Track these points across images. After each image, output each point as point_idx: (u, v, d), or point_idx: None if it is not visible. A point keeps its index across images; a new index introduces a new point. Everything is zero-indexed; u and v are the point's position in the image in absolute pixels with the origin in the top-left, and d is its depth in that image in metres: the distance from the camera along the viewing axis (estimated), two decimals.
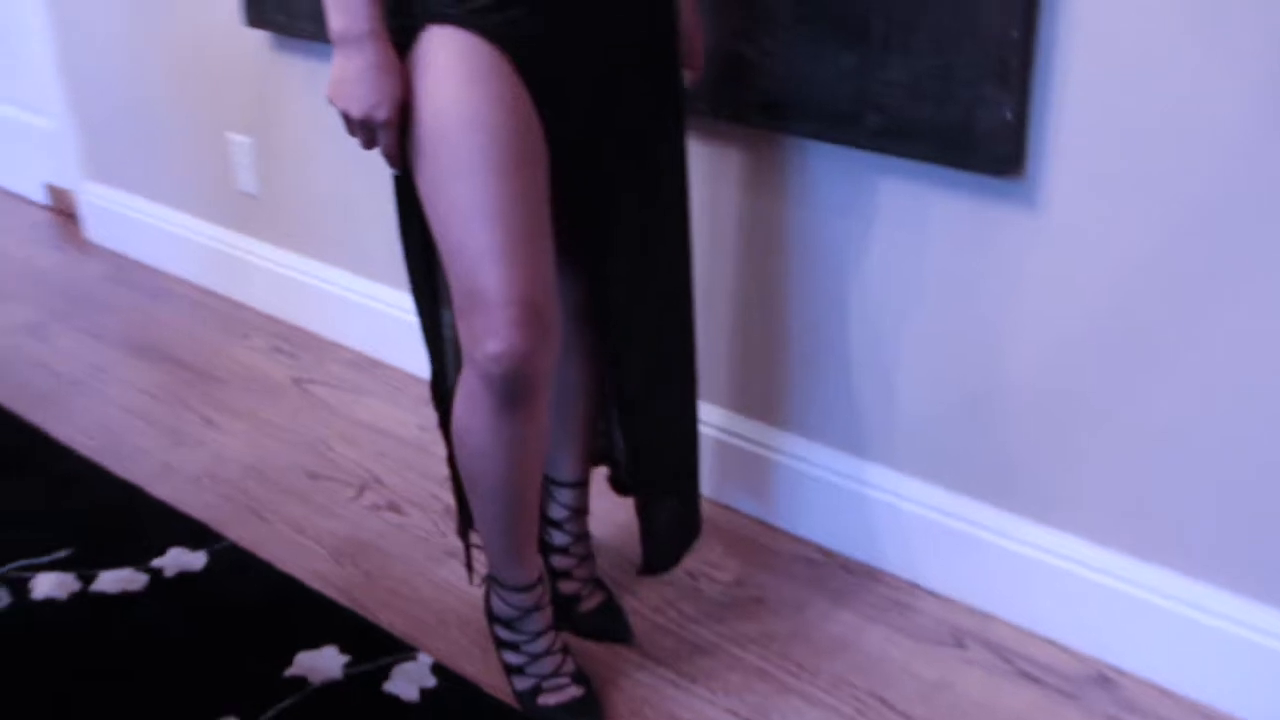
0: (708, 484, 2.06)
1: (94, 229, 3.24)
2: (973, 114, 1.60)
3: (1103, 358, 1.62)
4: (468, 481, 1.51)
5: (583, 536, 1.80)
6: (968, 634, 1.80)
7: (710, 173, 1.90)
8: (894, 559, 1.91)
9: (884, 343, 1.81)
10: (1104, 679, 1.71)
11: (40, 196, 3.51)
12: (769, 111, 1.78)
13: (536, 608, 1.61)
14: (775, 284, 1.89)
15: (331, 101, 1.37)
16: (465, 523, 1.70)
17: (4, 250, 3.20)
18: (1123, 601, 1.68)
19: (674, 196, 1.60)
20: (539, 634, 1.62)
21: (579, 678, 1.65)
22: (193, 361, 2.61)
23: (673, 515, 1.75)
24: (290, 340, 2.71)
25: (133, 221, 3.08)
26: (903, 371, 1.81)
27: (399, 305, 2.50)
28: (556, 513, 1.77)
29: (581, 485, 1.77)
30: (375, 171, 2.40)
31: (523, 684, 1.65)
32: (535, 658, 1.63)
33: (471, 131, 1.34)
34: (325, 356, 2.63)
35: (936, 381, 1.78)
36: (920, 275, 1.74)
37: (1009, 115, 1.57)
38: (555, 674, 1.63)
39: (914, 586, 1.90)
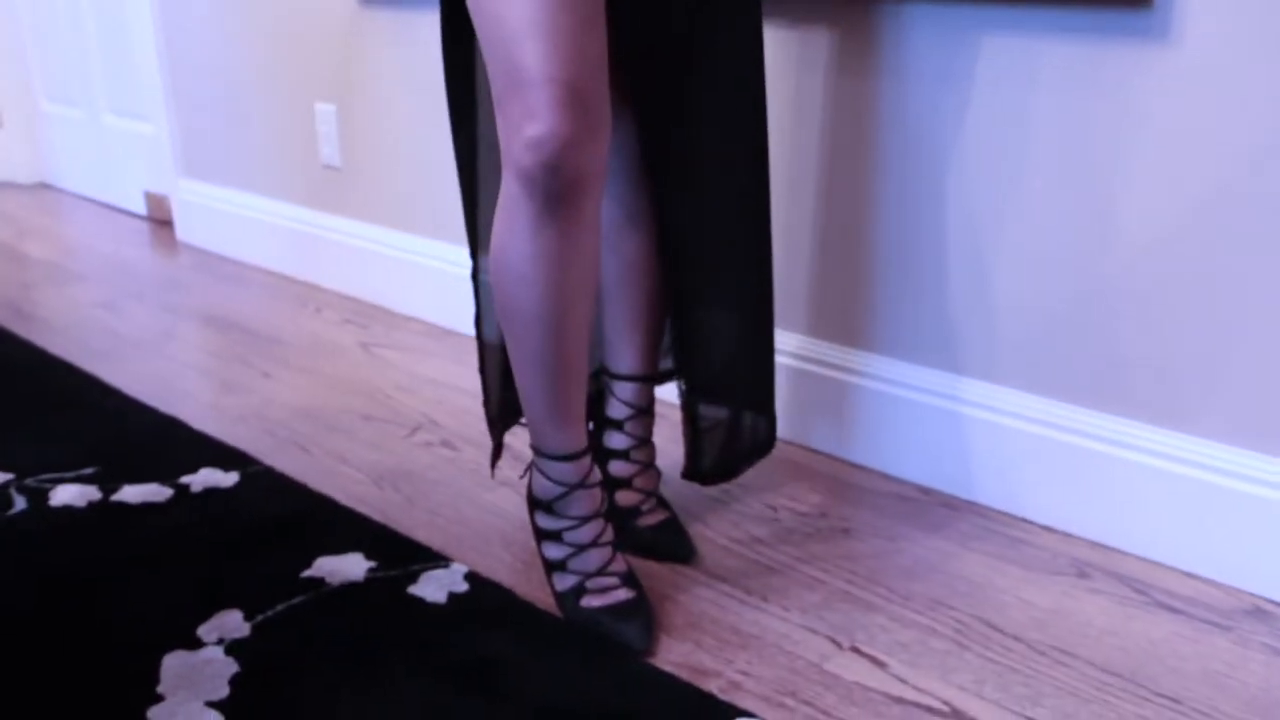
0: (788, 419, 1.84)
1: (185, 228, 3.19)
2: None
3: (1242, 227, 1.37)
4: (505, 322, 1.32)
5: (645, 442, 1.58)
6: (1091, 565, 1.53)
7: (797, 59, 1.73)
8: (999, 490, 1.65)
9: (984, 234, 1.59)
10: (1260, 611, 1.42)
11: (140, 207, 3.49)
12: None
13: (582, 485, 1.40)
14: (863, 182, 1.69)
15: None
16: (493, 408, 1.52)
17: (94, 248, 3.17)
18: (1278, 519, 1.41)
19: (746, 69, 1.44)
20: (584, 520, 1.41)
21: (629, 580, 1.42)
22: (260, 329, 2.49)
23: (725, 424, 1.54)
24: (364, 314, 2.58)
25: (220, 214, 3.02)
26: (1005, 267, 1.58)
27: None
28: (616, 411, 1.57)
29: (645, 380, 1.56)
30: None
31: (564, 583, 1.43)
32: (579, 550, 1.41)
33: None
34: (396, 327, 2.49)
35: (1045, 272, 1.55)
36: (1027, 146, 1.53)
37: None
38: (601, 572, 1.41)
39: (1026, 522, 1.64)
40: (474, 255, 1.50)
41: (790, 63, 1.73)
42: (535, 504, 1.44)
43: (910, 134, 1.63)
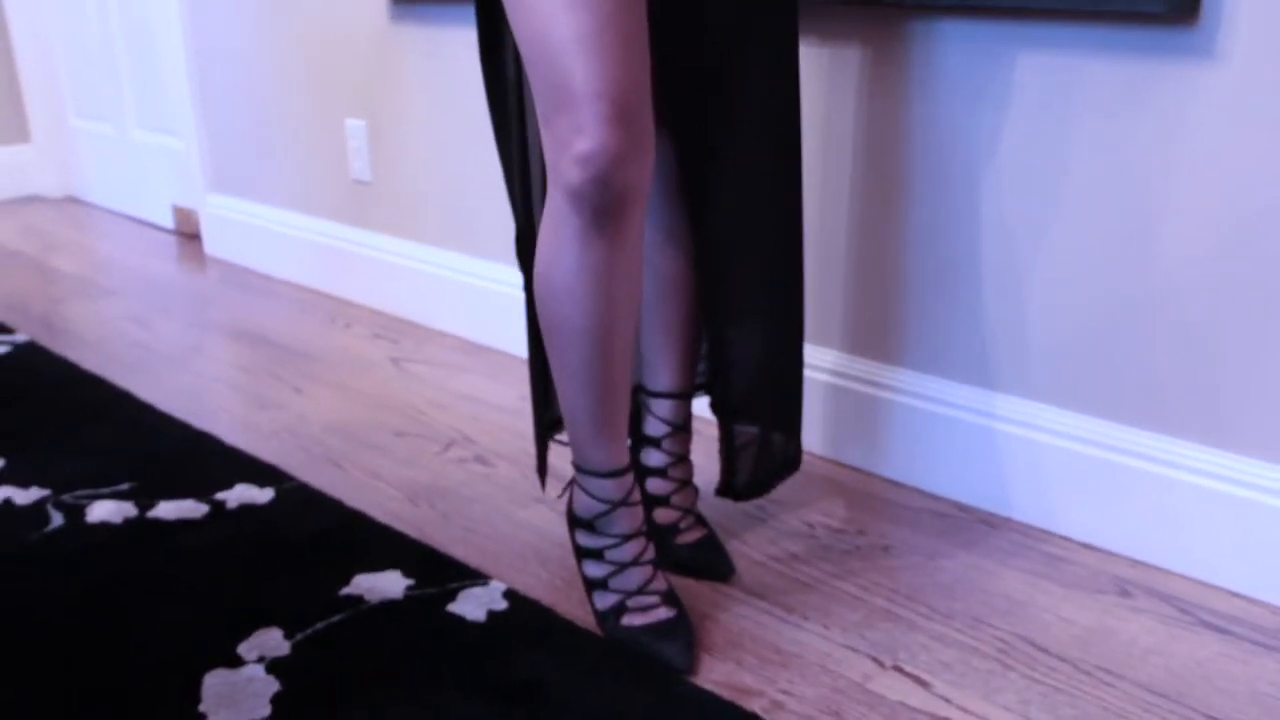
0: (825, 435, 1.84)
1: (213, 242, 3.20)
2: None
3: None
4: (549, 336, 1.32)
5: (682, 459, 1.58)
6: (1132, 584, 1.52)
7: (828, 77, 1.72)
8: (1038, 508, 1.64)
9: (1020, 251, 1.58)
10: None
11: (167, 221, 3.50)
12: None
13: (625, 503, 1.39)
14: (896, 199, 1.69)
15: None
16: (541, 416, 1.52)
17: (123, 262, 3.18)
18: None
19: (782, 92, 1.45)
20: (626, 538, 1.40)
21: (670, 599, 1.42)
22: (290, 344, 2.49)
23: (757, 441, 1.54)
24: (394, 329, 2.58)
25: (249, 229, 3.03)
26: (1043, 283, 1.57)
27: (508, 282, 2.36)
28: (654, 428, 1.56)
29: (682, 397, 1.56)
30: (485, 142, 2.29)
31: (604, 602, 1.42)
32: (620, 568, 1.41)
33: None
34: (428, 342, 2.49)
35: (1083, 290, 1.54)
36: (1064, 164, 1.52)
37: None
38: (642, 591, 1.40)
39: (1066, 539, 1.62)
40: (528, 271, 1.50)
41: (821, 81, 1.73)
42: (576, 522, 1.44)
43: (945, 152, 1.63)
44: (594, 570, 1.43)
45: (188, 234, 3.43)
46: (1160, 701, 1.28)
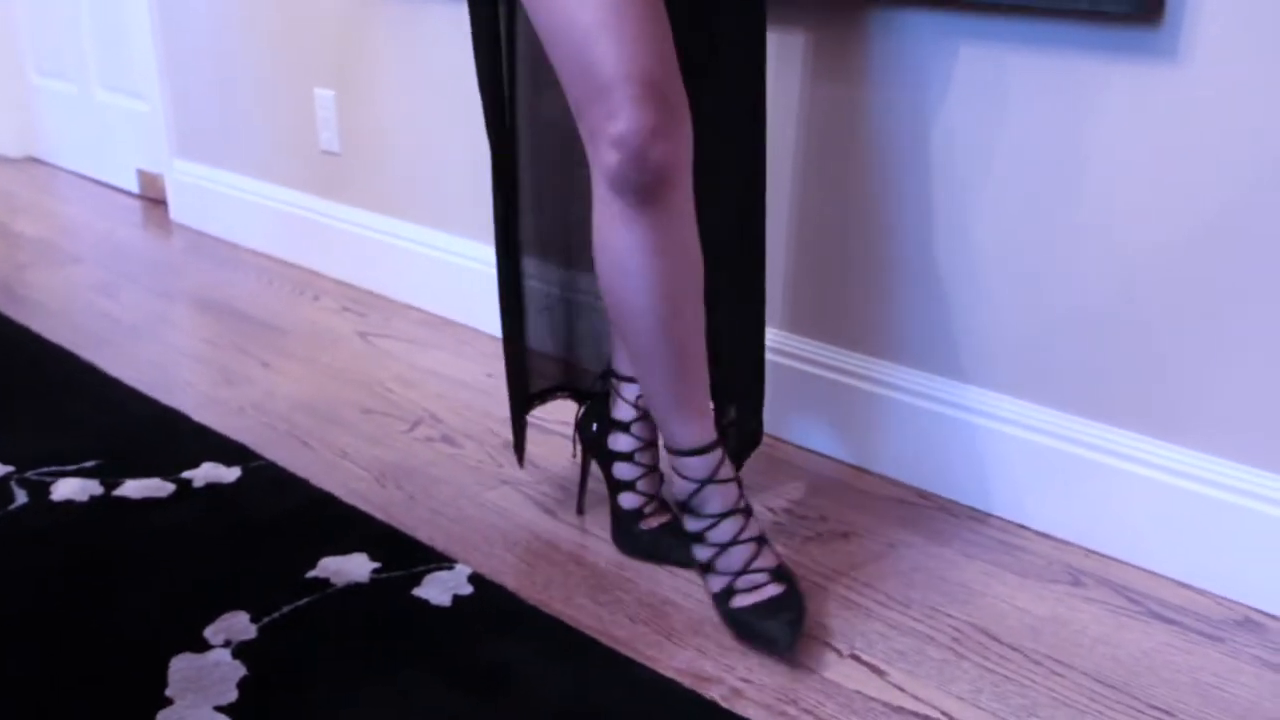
0: (789, 421, 1.86)
1: (179, 208, 3.18)
2: None
3: (1244, 243, 1.39)
4: (616, 320, 1.34)
5: (650, 445, 1.60)
6: (1086, 573, 1.55)
7: (772, 62, 1.74)
8: (996, 496, 1.67)
9: (974, 241, 1.60)
10: (1251, 622, 1.45)
11: (132, 184, 3.47)
12: None
13: (713, 480, 1.40)
14: (849, 184, 1.70)
15: None
16: (517, 398, 1.55)
17: (87, 226, 3.16)
18: (1275, 533, 1.43)
19: (749, 78, 1.47)
20: (722, 517, 1.41)
21: (779, 574, 1.42)
22: (257, 316, 2.49)
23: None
24: (361, 302, 2.58)
25: (216, 196, 3.02)
26: (998, 274, 1.60)
27: (475, 258, 2.37)
28: (623, 413, 1.58)
29: None
30: (455, 117, 2.29)
31: (715, 585, 1.43)
32: (722, 549, 1.42)
33: None
34: (395, 316, 2.50)
35: (1039, 282, 1.56)
36: (1021, 160, 1.54)
37: None
38: (748, 569, 1.41)
39: (1022, 528, 1.66)
40: (509, 255, 1.52)
41: (767, 66, 1.74)
42: (679, 506, 1.45)
43: (894, 145, 1.64)
44: (701, 554, 1.44)
45: (153, 199, 3.40)
46: (1107, 691, 1.32)
